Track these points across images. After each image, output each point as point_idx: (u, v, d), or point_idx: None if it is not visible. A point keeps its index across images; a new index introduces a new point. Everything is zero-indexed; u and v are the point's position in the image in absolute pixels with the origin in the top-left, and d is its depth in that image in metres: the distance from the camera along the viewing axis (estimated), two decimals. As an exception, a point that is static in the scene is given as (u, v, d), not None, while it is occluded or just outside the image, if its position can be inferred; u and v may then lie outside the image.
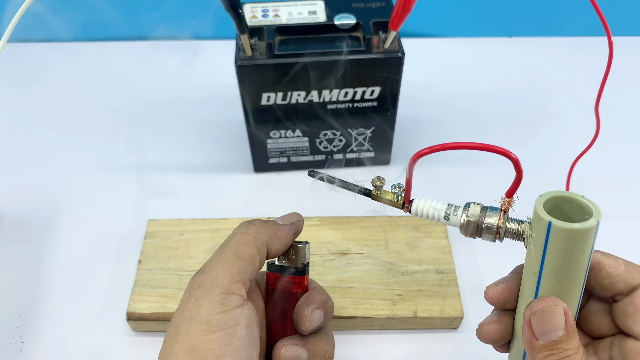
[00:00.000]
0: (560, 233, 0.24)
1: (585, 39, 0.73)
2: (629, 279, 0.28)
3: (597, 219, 0.24)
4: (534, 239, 0.26)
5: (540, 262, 0.26)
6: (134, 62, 0.70)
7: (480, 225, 0.28)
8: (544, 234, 0.25)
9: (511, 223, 0.28)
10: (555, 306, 0.26)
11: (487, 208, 0.28)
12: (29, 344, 0.43)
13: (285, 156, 0.54)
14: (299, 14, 0.48)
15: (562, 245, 0.25)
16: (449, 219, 0.29)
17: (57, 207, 0.53)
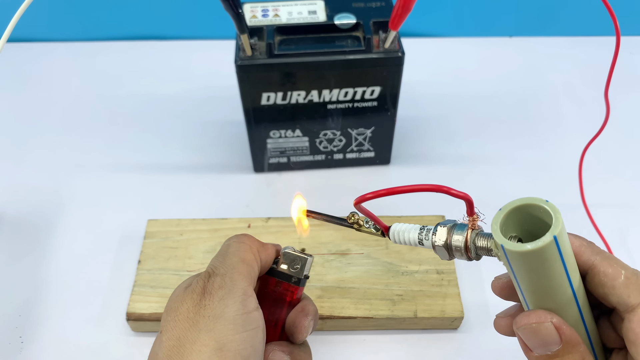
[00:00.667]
0: (515, 256, 0.23)
1: (585, 39, 0.73)
2: (625, 296, 0.24)
3: (554, 233, 0.22)
4: (501, 257, 0.25)
5: (515, 280, 0.25)
6: (134, 62, 0.70)
7: (450, 246, 0.27)
8: (504, 258, 0.24)
9: (481, 240, 0.26)
10: (540, 324, 0.24)
11: (455, 227, 0.27)
12: (29, 344, 0.42)
13: (285, 156, 0.54)
14: (299, 13, 0.48)
15: (523, 266, 0.23)
16: (424, 244, 0.28)
17: (57, 207, 0.53)
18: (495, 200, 0.30)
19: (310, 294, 0.43)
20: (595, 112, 0.62)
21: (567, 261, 0.23)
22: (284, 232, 0.47)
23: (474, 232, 0.26)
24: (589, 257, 0.26)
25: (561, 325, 0.24)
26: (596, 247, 0.26)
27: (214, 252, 0.46)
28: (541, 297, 0.25)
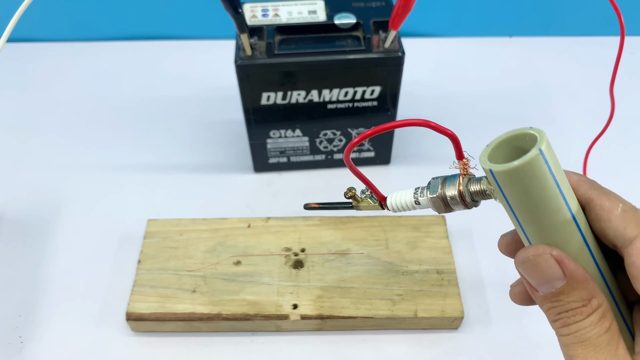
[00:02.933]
0: (505, 177, 0.22)
1: (585, 39, 0.73)
2: (621, 228, 0.23)
3: (539, 147, 0.21)
4: (494, 191, 0.24)
5: (512, 212, 0.24)
6: (134, 62, 0.70)
7: (446, 199, 0.26)
8: (496, 185, 0.23)
9: (474, 184, 0.26)
10: (538, 256, 0.23)
11: (447, 178, 0.27)
12: (29, 344, 0.42)
13: (285, 156, 0.54)
14: (299, 13, 0.48)
15: (515, 188, 0.22)
16: (420, 203, 0.28)
17: (57, 207, 0.53)
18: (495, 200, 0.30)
19: (310, 294, 0.43)
20: (595, 112, 0.62)
21: (560, 181, 0.23)
22: (284, 232, 0.47)
23: (466, 177, 0.26)
24: (586, 191, 0.25)
25: (562, 258, 0.23)
26: (594, 182, 0.25)
27: (214, 251, 0.46)
28: (540, 229, 0.24)
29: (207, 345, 0.42)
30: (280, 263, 0.45)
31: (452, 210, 0.27)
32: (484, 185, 0.25)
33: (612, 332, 0.23)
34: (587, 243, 0.24)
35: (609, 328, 0.23)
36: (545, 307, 0.24)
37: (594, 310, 0.23)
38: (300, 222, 0.48)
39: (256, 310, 0.42)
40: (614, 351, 0.22)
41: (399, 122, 0.25)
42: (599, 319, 0.23)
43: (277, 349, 0.42)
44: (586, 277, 0.23)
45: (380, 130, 0.25)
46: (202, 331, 0.43)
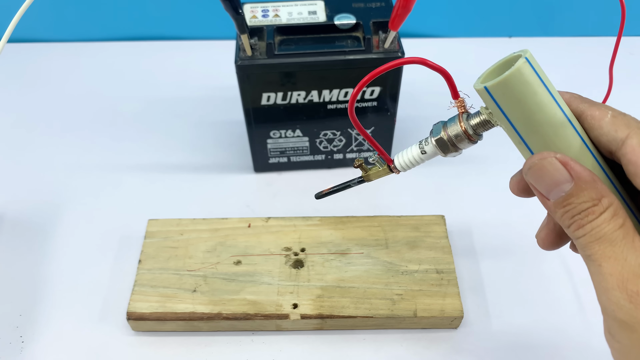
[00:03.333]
0: (499, 90, 0.24)
1: (585, 39, 0.73)
2: (612, 132, 0.24)
3: (524, 56, 0.23)
4: (494, 114, 0.26)
5: (514, 130, 0.25)
6: (134, 62, 0.70)
7: (451, 139, 0.28)
8: (492, 102, 0.25)
9: (473, 118, 0.27)
10: (543, 159, 0.24)
11: (448, 121, 0.28)
12: (29, 344, 0.43)
13: (285, 156, 0.54)
14: (299, 14, 0.48)
15: (511, 100, 0.24)
16: (426, 152, 0.29)
17: (57, 207, 0.53)
18: (495, 200, 0.30)
19: (310, 294, 0.43)
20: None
21: (550, 87, 0.24)
22: (284, 232, 0.47)
23: (465, 114, 0.28)
24: (577, 106, 0.26)
25: (567, 160, 0.24)
26: (584, 97, 0.26)
27: (214, 251, 0.46)
28: (541, 137, 0.25)
29: (208, 345, 0.43)
30: (280, 263, 0.45)
31: (457, 150, 0.28)
32: (483, 114, 0.27)
33: (626, 227, 0.23)
34: (587, 145, 0.25)
35: (623, 224, 0.23)
36: (558, 214, 0.24)
37: (606, 209, 0.23)
38: (300, 222, 0.48)
39: (256, 310, 0.42)
40: (630, 243, 0.23)
41: (396, 62, 0.26)
42: (611, 216, 0.23)
43: (277, 348, 0.42)
44: (593, 177, 0.24)
45: (378, 73, 0.26)
46: (202, 331, 0.43)
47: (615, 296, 0.23)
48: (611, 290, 0.23)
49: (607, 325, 0.24)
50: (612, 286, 0.23)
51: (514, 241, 0.49)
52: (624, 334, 0.23)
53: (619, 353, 0.24)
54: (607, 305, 0.23)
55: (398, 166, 0.31)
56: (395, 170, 0.32)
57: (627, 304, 0.22)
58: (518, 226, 0.50)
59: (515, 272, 0.47)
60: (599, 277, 0.23)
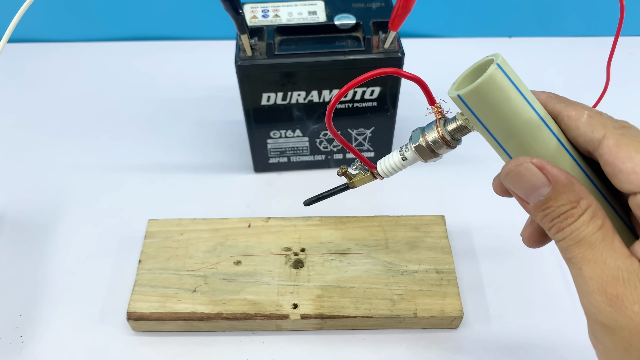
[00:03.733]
0: (472, 97, 0.24)
1: (585, 39, 0.73)
2: (589, 132, 0.24)
3: (496, 62, 0.23)
4: (470, 120, 0.26)
5: (490, 135, 0.25)
6: (134, 62, 0.70)
7: (429, 145, 0.28)
8: (467, 109, 0.25)
9: (450, 124, 0.27)
10: (519, 165, 0.24)
11: (426, 127, 0.28)
12: (30, 344, 0.43)
13: (285, 156, 0.54)
14: (299, 14, 0.48)
15: (485, 106, 0.24)
16: (407, 158, 0.29)
17: (58, 207, 0.53)
18: (495, 200, 0.30)
19: (310, 294, 0.43)
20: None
21: (523, 91, 0.24)
22: (284, 232, 0.47)
23: (442, 119, 0.28)
24: (554, 106, 0.26)
25: (543, 164, 0.24)
26: (562, 97, 0.26)
27: (214, 251, 0.46)
28: (518, 142, 0.25)
29: (208, 345, 0.43)
30: (280, 263, 0.45)
31: (437, 156, 0.29)
32: (459, 120, 0.27)
33: (605, 228, 0.23)
34: (565, 146, 0.25)
35: (602, 225, 0.23)
36: (539, 217, 0.25)
37: (584, 211, 0.23)
38: (300, 222, 0.48)
39: (256, 310, 0.42)
40: (610, 245, 0.23)
41: (371, 73, 0.25)
42: (590, 218, 0.23)
43: (277, 348, 0.42)
44: (570, 179, 0.24)
45: (353, 85, 0.25)
46: (202, 331, 0.43)
47: (596, 300, 0.23)
48: (592, 294, 0.23)
49: (591, 327, 0.24)
50: (593, 290, 0.23)
51: (513, 241, 0.49)
52: (606, 337, 0.23)
53: (602, 355, 0.24)
54: (588, 308, 0.23)
55: (381, 172, 0.32)
56: (379, 176, 0.32)
57: (607, 307, 0.23)
58: (518, 226, 0.50)
59: (515, 272, 0.47)
60: (580, 280, 0.23)
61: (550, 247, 0.49)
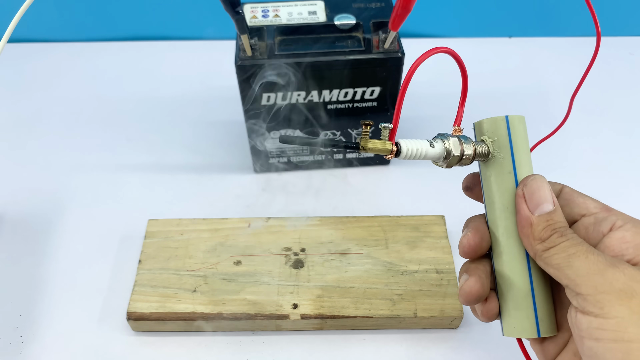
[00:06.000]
0: (517, 121, 0.30)
1: (585, 39, 0.73)
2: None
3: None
4: (497, 143, 0.30)
5: (511, 159, 0.30)
6: (134, 62, 0.70)
7: (461, 155, 0.30)
8: (505, 130, 0.30)
9: (479, 146, 0.30)
10: (538, 175, 0.29)
11: (460, 137, 0.31)
12: (30, 344, 0.43)
13: (285, 156, 0.54)
14: (299, 14, 0.48)
15: (521, 131, 0.30)
16: (434, 147, 0.30)
17: (58, 207, 0.53)
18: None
19: (310, 294, 0.43)
20: (595, 112, 0.62)
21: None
22: (284, 232, 0.47)
23: (471, 140, 0.30)
24: None
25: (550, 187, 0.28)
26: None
27: (215, 251, 0.46)
28: (529, 169, 0.30)
29: (208, 345, 0.43)
30: (280, 263, 0.45)
31: (453, 164, 0.31)
32: (485, 141, 0.31)
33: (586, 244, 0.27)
34: None
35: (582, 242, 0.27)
36: (540, 227, 0.27)
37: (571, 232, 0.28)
38: (300, 222, 0.48)
39: (256, 310, 0.42)
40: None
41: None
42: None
43: (277, 348, 0.42)
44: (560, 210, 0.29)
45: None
46: (202, 331, 0.43)
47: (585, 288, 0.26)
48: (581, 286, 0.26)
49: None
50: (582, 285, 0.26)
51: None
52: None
53: None
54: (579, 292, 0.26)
55: (404, 148, 0.30)
56: (394, 152, 0.30)
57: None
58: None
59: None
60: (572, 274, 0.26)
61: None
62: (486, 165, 0.30)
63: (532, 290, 0.29)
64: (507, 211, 0.29)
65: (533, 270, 0.29)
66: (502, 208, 0.29)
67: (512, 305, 0.29)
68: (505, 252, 0.29)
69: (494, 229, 0.30)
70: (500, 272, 0.30)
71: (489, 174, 0.30)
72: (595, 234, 0.28)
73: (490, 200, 0.30)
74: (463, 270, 0.31)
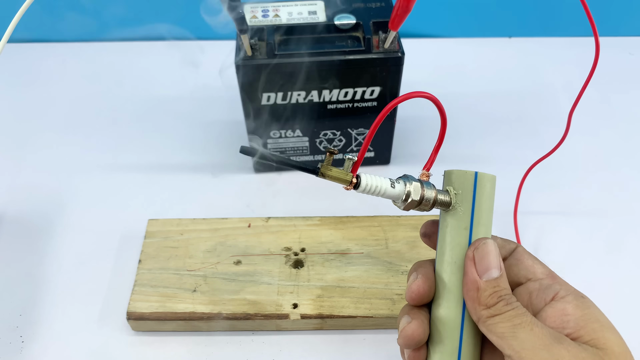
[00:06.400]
0: (485, 179, 0.30)
1: (585, 39, 0.73)
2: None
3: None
4: (461, 196, 0.30)
5: (470, 215, 0.30)
6: (134, 62, 0.70)
7: (421, 199, 0.30)
8: (471, 186, 0.30)
9: (442, 194, 0.30)
10: (490, 240, 0.29)
11: (423, 181, 0.30)
12: (29, 344, 0.43)
13: (286, 156, 0.54)
14: (299, 14, 0.48)
15: (487, 191, 0.30)
16: (394, 188, 0.30)
17: (58, 207, 0.53)
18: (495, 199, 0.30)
19: (310, 294, 0.43)
20: (595, 112, 0.62)
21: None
22: (284, 232, 0.47)
23: (433, 186, 0.30)
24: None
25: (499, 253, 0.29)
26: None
27: (215, 251, 0.46)
28: (486, 229, 0.30)
29: (208, 345, 0.43)
30: (280, 263, 0.45)
31: (411, 208, 0.30)
32: (450, 191, 0.30)
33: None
34: None
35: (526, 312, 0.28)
36: (487, 292, 0.28)
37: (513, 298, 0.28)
38: (300, 222, 0.48)
39: (256, 310, 0.42)
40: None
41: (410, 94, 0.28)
42: None
43: (277, 348, 0.42)
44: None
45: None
46: (202, 330, 0.43)
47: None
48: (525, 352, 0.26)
49: None
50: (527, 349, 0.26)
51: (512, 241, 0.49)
52: None
53: None
54: None
55: (363, 181, 0.29)
56: (352, 184, 0.29)
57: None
58: (518, 226, 0.50)
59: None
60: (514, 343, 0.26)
61: (550, 248, 0.49)
62: (445, 214, 0.30)
63: (460, 350, 0.29)
64: (454, 265, 0.29)
65: (465, 330, 0.29)
66: (451, 261, 0.30)
67: (437, 358, 0.30)
68: (442, 306, 0.30)
69: (437, 280, 0.30)
70: (434, 323, 0.30)
71: (446, 224, 0.30)
72: (538, 300, 0.29)
73: (442, 251, 0.30)
74: (404, 312, 0.31)
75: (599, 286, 0.46)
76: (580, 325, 0.27)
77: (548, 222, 0.51)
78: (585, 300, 0.28)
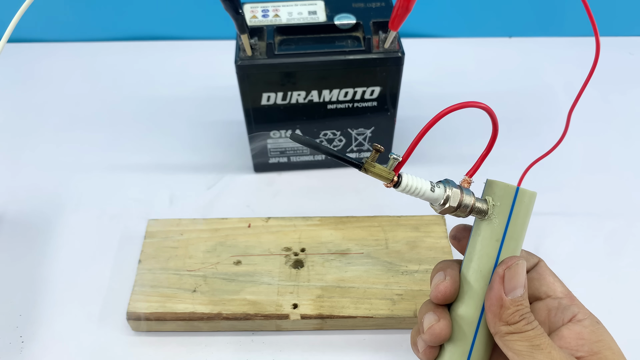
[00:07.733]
0: (526, 196, 0.30)
1: (585, 39, 0.73)
2: None
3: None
4: (498, 208, 0.30)
5: (504, 228, 0.30)
6: (134, 62, 0.70)
7: (460, 204, 0.30)
8: (511, 200, 0.30)
9: (479, 202, 0.30)
10: (521, 261, 0.29)
11: (463, 188, 0.31)
12: (29, 344, 0.43)
13: (285, 156, 0.54)
14: (299, 14, 0.48)
15: (525, 207, 0.30)
16: (434, 192, 0.30)
17: (57, 207, 0.53)
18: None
19: (310, 294, 0.43)
20: (595, 112, 0.62)
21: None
22: (284, 232, 0.47)
23: (471, 192, 0.30)
24: None
25: None
26: None
27: (214, 251, 0.46)
28: (517, 243, 0.30)
29: (208, 345, 0.43)
30: (280, 263, 0.45)
31: (448, 213, 0.30)
32: (488, 201, 0.30)
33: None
34: None
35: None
36: (510, 310, 0.28)
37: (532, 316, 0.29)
38: (300, 222, 0.48)
39: (256, 310, 0.42)
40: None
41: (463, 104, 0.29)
42: None
43: (277, 348, 0.42)
44: None
45: None
46: (202, 331, 0.43)
47: None
48: None
49: None
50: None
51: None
52: None
53: None
54: None
55: (404, 181, 0.30)
56: (393, 182, 0.30)
57: None
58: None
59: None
60: None
61: (550, 249, 0.49)
62: (480, 222, 0.31)
63: (470, 352, 0.30)
64: (479, 274, 0.30)
65: (479, 335, 0.30)
66: (477, 269, 0.30)
67: (447, 357, 0.30)
68: (462, 309, 0.30)
69: (462, 283, 0.31)
70: (452, 323, 0.31)
71: (479, 232, 0.31)
72: (556, 319, 0.30)
73: (470, 257, 0.31)
74: (428, 309, 0.31)
75: (599, 286, 0.46)
76: (594, 351, 0.28)
77: (548, 222, 0.51)
78: (600, 327, 0.29)
